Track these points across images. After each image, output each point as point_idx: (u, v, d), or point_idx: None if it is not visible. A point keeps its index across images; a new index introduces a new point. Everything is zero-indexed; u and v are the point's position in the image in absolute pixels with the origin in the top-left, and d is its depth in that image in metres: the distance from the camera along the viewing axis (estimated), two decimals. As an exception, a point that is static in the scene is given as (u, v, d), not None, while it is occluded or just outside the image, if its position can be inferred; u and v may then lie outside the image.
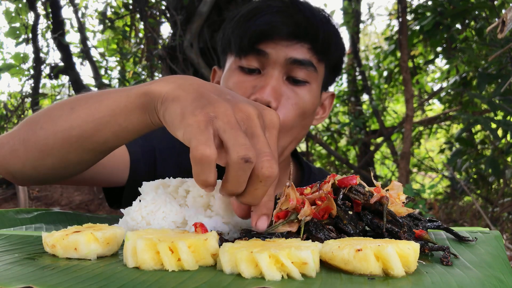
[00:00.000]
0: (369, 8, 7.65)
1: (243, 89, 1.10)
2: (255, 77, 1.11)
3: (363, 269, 0.52)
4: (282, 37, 1.08)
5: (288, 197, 0.67)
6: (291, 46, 1.09)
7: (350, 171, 5.25)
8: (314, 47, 1.11)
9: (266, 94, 1.05)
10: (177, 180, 0.80)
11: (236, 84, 1.12)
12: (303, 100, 1.11)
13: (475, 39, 3.60)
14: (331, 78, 1.23)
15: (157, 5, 4.71)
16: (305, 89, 1.12)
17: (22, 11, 5.54)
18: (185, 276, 0.52)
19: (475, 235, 0.72)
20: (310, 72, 1.11)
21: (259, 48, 1.09)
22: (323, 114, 1.28)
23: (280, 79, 1.09)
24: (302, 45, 1.10)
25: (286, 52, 1.08)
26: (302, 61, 1.09)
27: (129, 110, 0.72)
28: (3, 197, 5.11)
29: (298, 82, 1.11)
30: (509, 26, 1.06)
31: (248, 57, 1.10)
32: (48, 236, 0.62)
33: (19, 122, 1.08)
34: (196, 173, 0.56)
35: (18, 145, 0.83)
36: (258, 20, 1.10)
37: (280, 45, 1.09)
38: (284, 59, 1.08)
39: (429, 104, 5.85)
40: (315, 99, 1.15)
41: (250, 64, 1.11)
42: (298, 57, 1.09)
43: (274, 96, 1.07)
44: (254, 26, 1.09)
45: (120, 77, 5.03)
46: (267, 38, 1.09)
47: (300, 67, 1.09)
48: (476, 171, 4.30)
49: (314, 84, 1.13)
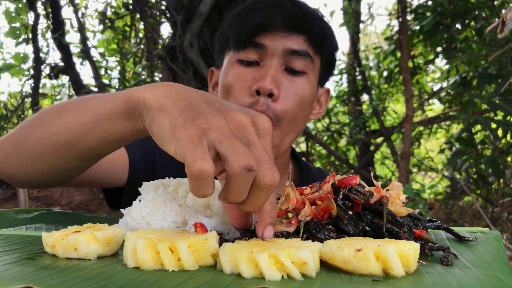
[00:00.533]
0: (369, 8, 7.66)
1: (243, 80, 1.12)
2: (254, 69, 1.13)
3: (363, 269, 0.52)
4: (279, 29, 1.11)
5: (288, 197, 0.68)
6: (288, 37, 1.12)
7: (350, 171, 5.25)
8: (310, 38, 1.14)
9: (268, 82, 1.07)
10: (177, 180, 0.80)
11: (236, 76, 1.13)
12: (302, 89, 1.13)
13: (475, 39, 3.60)
14: (326, 74, 1.26)
15: (157, 5, 4.71)
16: (303, 79, 1.14)
17: (22, 11, 5.54)
18: (185, 276, 0.52)
19: (475, 235, 0.72)
20: (307, 63, 1.14)
21: (257, 41, 1.12)
22: (320, 109, 1.30)
23: (279, 69, 1.12)
24: (298, 36, 1.13)
25: (283, 43, 1.11)
26: (299, 52, 1.12)
27: (113, 116, 0.71)
28: (3, 197, 5.11)
29: (297, 72, 1.13)
30: (509, 26, 1.06)
31: (247, 49, 1.13)
32: (48, 236, 0.62)
33: (19, 122, 1.09)
34: (194, 189, 0.54)
35: (11, 150, 0.83)
36: (255, 14, 1.13)
37: (277, 37, 1.11)
38: (282, 50, 1.11)
39: (429, 104, 5.85)
40: (313, 90, 1.18)
41: (248, 57, 1.13)
42: (295, 47, 1.12)
43: (275, 84, 1.09)
44: (251, 20, 1.12)
45: (120, 77, 5.03)
46: (264, 30, 1.11)
47: (297, 57, 1.12)
48: (476, 171, 4.30)
49: (311, 74, 1.16)
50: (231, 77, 1.14)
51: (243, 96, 1.11)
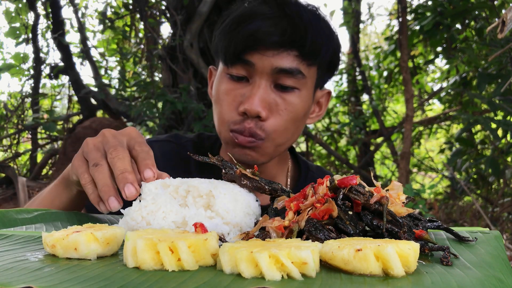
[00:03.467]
0: (369, 8, 7.66)
1: (232, 96, 1.12)
2: (244, 84, 1.12)
3: (363, 269, 0.52)
4: (268, 47, 1.08)
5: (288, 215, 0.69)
6: (277, 55, 1.08)
7: (350, 171, 5.25)
8: (302, 53, 1.09)
9: (255, 105, 1.07)
10: (177, 180, 0.80)
11: (225, 91, 1.14)
12: (292, 105, 1.11)
13: (475, 39, 3.60)
14: (327, 75, 1.23)
15: (157, 5, 4.72)
16: (294, 95, 1.12)
17: (22, 11, 5.54)
18: (185, 276, 0.52)
19: (475, 235, 0.72)
20: (298, 80, 1.10)
21: (245, 58, 1.09)
22: (319, 112, 1.27)
23: (267, 87, 1.10)
24: (289, 53, 1.08)
25: (271, 62, 1.08)
26: (289, 70, 1.08)
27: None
28: (3, 197, 5.11)
29: (287, 88, 1.11)
30: (509, 26, 1.06)
31: (236, 66, 1.11)
32: (48, 236, 0.62)
33: (19, 122, 1.24)
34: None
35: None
36: (244, 29, 1.09)
37: (265, 55, 1.08)
38: (271, 69, 1.08)
39: (429, 104, 5.85)
40: (305, 103, 1.15)
41: (238, 73, 1.11)
42: (284, 66, 1.08)
43: (262, 105, 1.08)
44: (239, 36, 1.09)
45: (120, 77, 5.03)
46: (251, 49, 1.08)
47: (287, 75, 1.09)
48: (476, 171, 4.30)
49: (303, 90, 1.13)
50: (221, 90, 1.15)
51: (232, 113, 1.12)
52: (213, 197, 0.75)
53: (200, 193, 0.76)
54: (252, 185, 0.81)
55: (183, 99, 3.81)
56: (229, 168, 0.84)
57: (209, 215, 0.74)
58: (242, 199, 0.78)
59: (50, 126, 4.78)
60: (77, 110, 6.12)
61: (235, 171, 0.82)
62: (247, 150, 1.13)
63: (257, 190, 0.81)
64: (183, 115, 4.21)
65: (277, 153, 1.18)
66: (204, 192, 0.76)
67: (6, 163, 5.77)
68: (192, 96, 4.03)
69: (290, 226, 0.67)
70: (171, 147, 1.29)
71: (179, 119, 4.27)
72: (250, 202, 0.79)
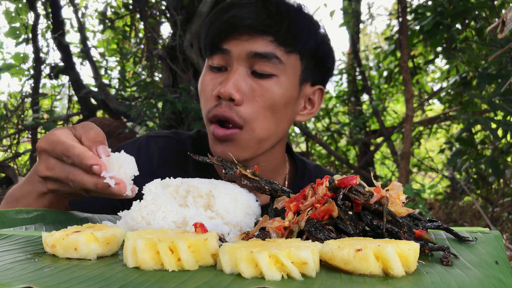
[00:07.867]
0: (369, 8, 7.65)
1: (211, 86, 1.13)
2: (223, 73, 1.13)
3: (363, 269, 0.52)
4: (242, 32, 1.09)
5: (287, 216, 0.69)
6: (251, 39, 1.09)
7: (350, 171, 5.25)
8: (278, 39, 1.10)
9: (228, 87, 1.07)
10: (177, 180, 0.80)
11: (204, 82, 1.16)
12: (270, 92, 1.11)
13: (475, 39, 3.60)
14: (316, 71, 1.21)
15: (157, 5, 4.71)
16: (271, 82, 1.11)
17: (22, 11, 5.54)
18: (185, 276, 0.52)
19: (475, 235, 0.72)
20: (275, 65, 1.11)
21: (221, 47, 1.11)
22: (312, 109, 1.26)
23: (243, 73, 1.10)
24: (264, 38, 1.10)
25: (246, 47, 1.09)
26: (264, 54, 1.09)
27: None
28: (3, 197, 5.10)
29: (263, 75, 1.11)
30: (509, 26, 1.06)
31: (214, 56, 1.13)
32: (48, 236, 0.62)
33: (19, 122, 1.28)
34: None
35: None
36: (220, 18, 1.12)
37: (240, 41, 1.10)
38: (245, 54, 1.09)
39: (429, 104, 5.85)
40: (285, 92, 1.13)
41: (217, 63, 1.13)
42: (259, 50, 1.09)
43: (235, 88, 1.08)
44: (216, 25, 1.12)
45: (120, 77, 5.03)
46: (227, 36, 1.10)
47: (262, 60, 1.10)
48: (476, 171, 4.30)
49: (282, 76, 1.12)
50: (201, 83, 1.17)
51: (209, 101, 1.13)
52: (213, 197, 0.75)
53: (200, 193, 0.76)
54: (252, 185, 0.81)
55: (183, 99, 3.81)
56: (229, 168, 0.84)
57: (209, 215, 0.74)
58: (242, 199, 0.78)
59: (50, 126, 4.77)
60: (77, 110, 6.11)
61: (235, 171, 0.82)
62: (225, 144, 1.12)
63: (257, 190, 0.81)
64: (183, 115, 4.21)
65: (261, 149, 1.16)
66: (204, 192, 0.76)
67: (6, 163, 5.77)
68: (192, 96, 4.03)
69: (290, 227, 0.67)
70: (171, 142, 1.31)
71: (179, 119, 4.27)
72: (250, 202, 0.79)
